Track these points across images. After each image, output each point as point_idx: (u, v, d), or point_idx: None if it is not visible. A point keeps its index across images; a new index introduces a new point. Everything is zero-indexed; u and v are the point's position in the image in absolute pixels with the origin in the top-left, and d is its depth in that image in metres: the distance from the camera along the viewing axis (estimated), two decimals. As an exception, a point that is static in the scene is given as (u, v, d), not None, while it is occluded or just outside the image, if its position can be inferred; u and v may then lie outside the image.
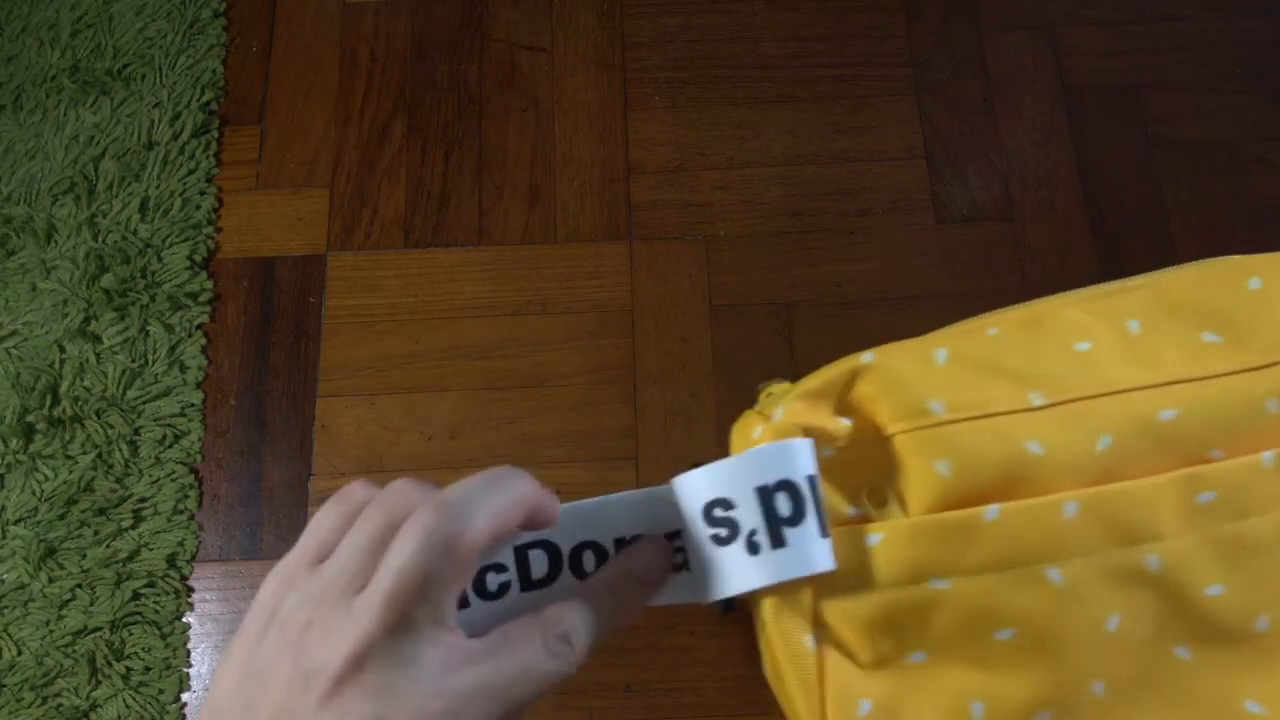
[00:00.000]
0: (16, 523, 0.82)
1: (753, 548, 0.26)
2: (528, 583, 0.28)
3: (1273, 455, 0.29)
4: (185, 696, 0.78)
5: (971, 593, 0.27)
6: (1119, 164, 0.91)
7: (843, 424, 0.28)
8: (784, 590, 0.27)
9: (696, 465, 0.27)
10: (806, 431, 0.28)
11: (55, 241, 0.90)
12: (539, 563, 0.28)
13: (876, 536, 0.27)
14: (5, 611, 0.80)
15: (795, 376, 0.29)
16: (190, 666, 0.79)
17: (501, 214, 0.91)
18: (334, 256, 0.90)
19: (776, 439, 0.27)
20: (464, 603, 0.27)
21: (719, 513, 0.26)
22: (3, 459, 0.83)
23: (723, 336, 0.86)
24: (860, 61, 0.95)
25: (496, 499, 0.25)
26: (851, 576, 0.27)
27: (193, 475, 0.83)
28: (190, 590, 0.81)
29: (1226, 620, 0.28)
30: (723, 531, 0.26)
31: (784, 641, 0.27)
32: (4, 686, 0.78)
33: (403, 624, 0.22)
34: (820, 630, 0.27)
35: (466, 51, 0.96)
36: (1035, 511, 0.27)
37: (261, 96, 0.96)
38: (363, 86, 0.95)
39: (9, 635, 0.79)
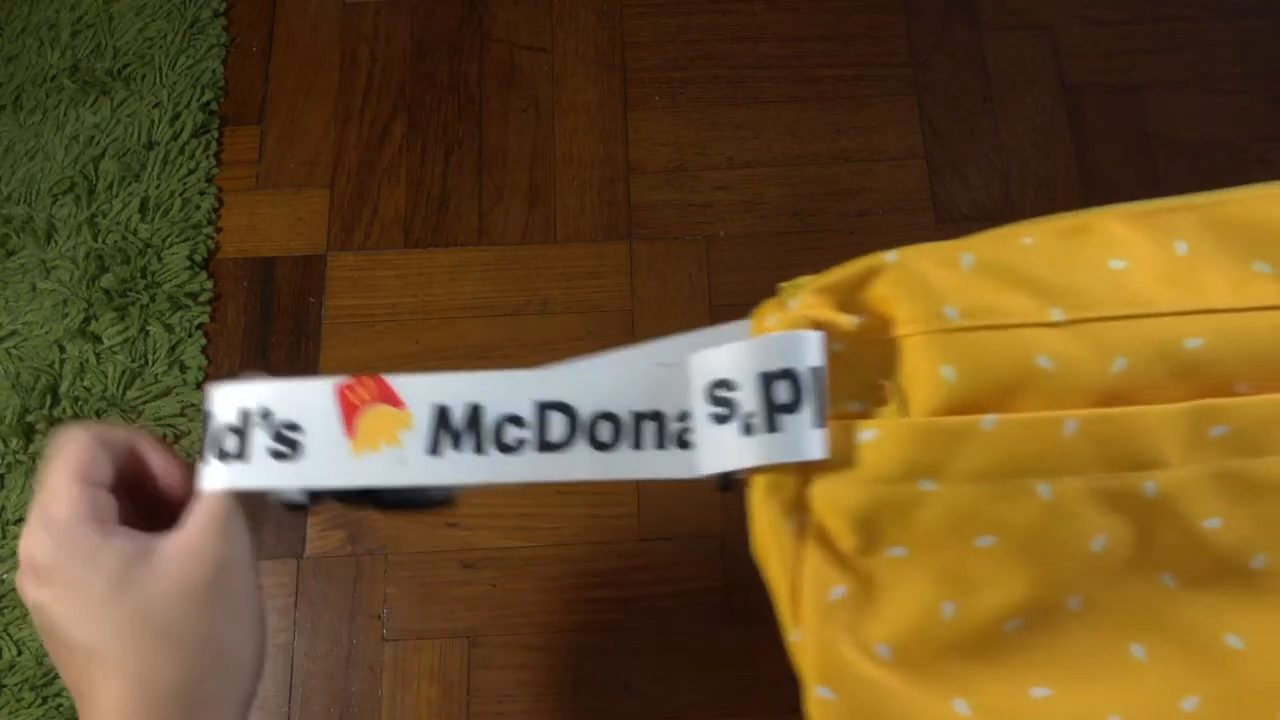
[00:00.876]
0: (16, 523, 0.82)
1: (747, 429, 0.27)
2: (545, 445, 0.29)
3: None
4: (185, 696, 0.78)
5: (958, 498, 0.27)
6: (1119, 164, 0.91)
7: (853, 320, 0.29)
8: (775, 473, 0.27)
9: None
10: (818, 324, 0.28)
11: (55, 241, 0.90)
12: (558, 426, 0.29)
13: (871, 433, 0.27)
14: (5, 611, 0.80)
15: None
16: (190, 666, 0.79)
17: (501, 214, 0.91)
18: (334, 256, 0.90)
19: (789, 329, 0.28)
20: (479, 447, 0.29)
21: (721, 393, 0.27)
22: (3, 459, 0.83)
23: (723, 336, 0.86)
24: (860, 61, 0.95)
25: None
26: (842, 468, 0.27)
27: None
28: (190, 590, 0.81)
29: (1220, 554, 0.28)
30: (723, 411, 0.27)
31: (769, 522, 0.28)
32: (4, 686, 0.78)
33: None
34: (804, 515, 0.28)
35: (466, 51, 0.96)
36: (1033, 426, 0.27)
37: (261, 96, 0.96)
38: (363, 86, 0.95)
39: (9, 635, 0.79)
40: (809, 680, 0.28)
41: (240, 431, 0.30)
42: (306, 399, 0.30)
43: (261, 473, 0.30)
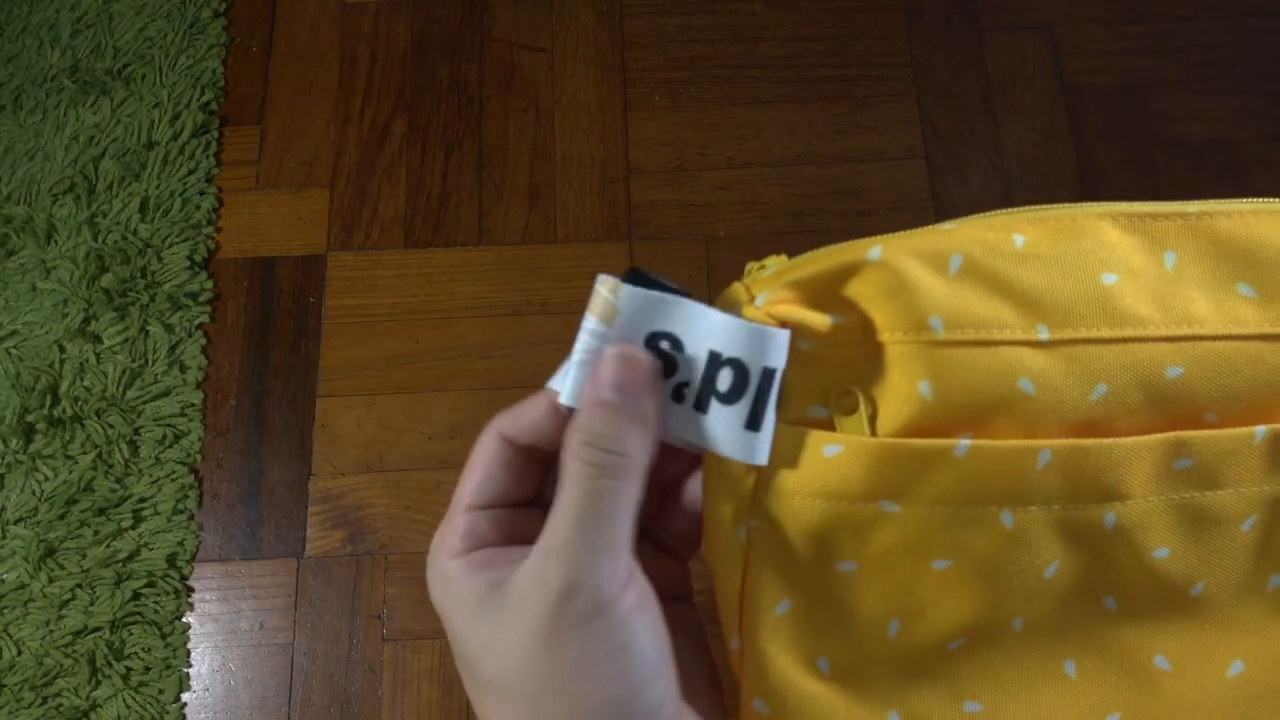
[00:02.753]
0: (16, 523, 0.82)
1: (678, 396, 0.25)
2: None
3: (1265, 431, 0.27)
4: (185, 696, 0.78)
5: (919, 521, 0.26)
6: (1119, 164, 0.91)
7: (826, 320, 0.27)
8: (729, 477, 0.26)
9: (657, 282, 0.26)
10: (784, 323, 0.26)
11: (55, 241, 0.90)
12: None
13: (835, 448, 0.26)
14: (5, 611, 0.80)
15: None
16: (190, 666, 0.79)
17: (501, 214, 0.91)
18: (334, 256, 0.90)
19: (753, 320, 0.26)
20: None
21: (664, 345, 0.25)
22: (3, 459, 0.83)
23: (723, 336, 0.86)
24: (860, 61, 0.95)
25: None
26: (802, 482, 0.26)
27: (193, 475, 0.83)
28: (190, 590, 0.81)
29: (1165, 582, 0.28)
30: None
31: (718, 527, 0.27)
32: (4, 686, 0.78)
33: None
34: (755, 523, 0.27)
35: (466, 51, 0.96)
36: (1007, 455, 0.26)
37: (261, 96, 0.96)
38: (363, 86, 0.95)
39: (9, 635, 0.79)
40: (746, 692, 0.28)
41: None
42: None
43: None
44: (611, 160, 0.92)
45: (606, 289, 0.26)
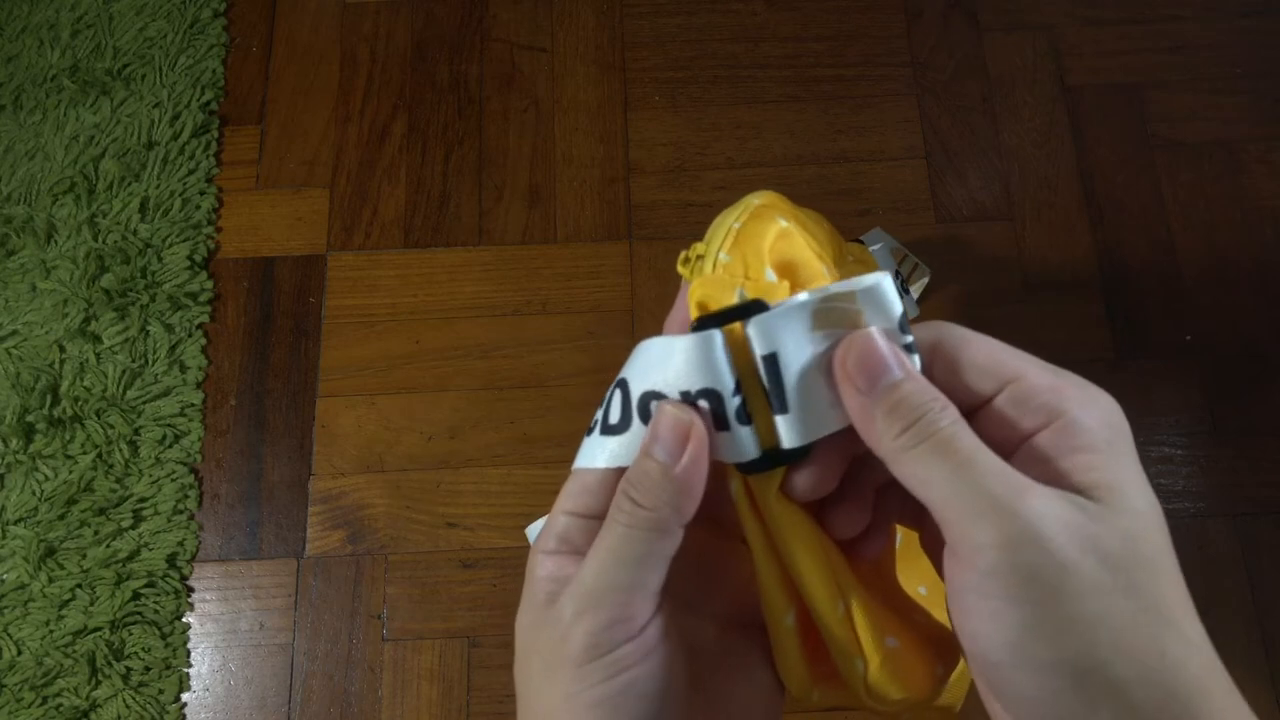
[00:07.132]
0: (16, 523, 0.82)
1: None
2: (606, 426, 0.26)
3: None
4: (185, 696, 0.78)
5: None
6: (1119, 164, 0.91)
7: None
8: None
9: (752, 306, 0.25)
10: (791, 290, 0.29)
11: (55, 241, 0.90)
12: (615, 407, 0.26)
13: None
14: (5, 611, 0.80)
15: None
16: (190, 666, 0.79)
17: (501, 214, 0.91)
18: (334, 256, 0.90)
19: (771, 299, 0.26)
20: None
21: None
22: (3, 459, 0.83)
23: (723, 336, 0.86)
24: (860, 61, 0.95)
25: None
26: None
27: (193, 475, 0.83)
28: (190, 590, 0.81)
29: None
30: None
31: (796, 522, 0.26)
32: (4, 686, 0.78)
33: None
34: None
35: (466, 51, 0.96)
36: None
37: (261, 96, 0.96)
38: (363, 86, 0.95)
39: (9, 635, 0.79)
40: (874, 633, 0.28)
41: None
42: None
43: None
44: (611, 160, 0.92)
45: (756, 328, 0.24)
